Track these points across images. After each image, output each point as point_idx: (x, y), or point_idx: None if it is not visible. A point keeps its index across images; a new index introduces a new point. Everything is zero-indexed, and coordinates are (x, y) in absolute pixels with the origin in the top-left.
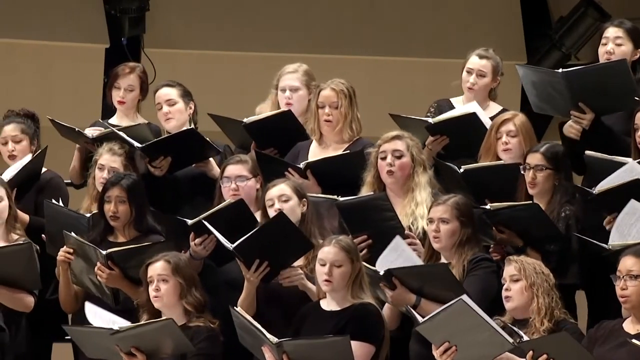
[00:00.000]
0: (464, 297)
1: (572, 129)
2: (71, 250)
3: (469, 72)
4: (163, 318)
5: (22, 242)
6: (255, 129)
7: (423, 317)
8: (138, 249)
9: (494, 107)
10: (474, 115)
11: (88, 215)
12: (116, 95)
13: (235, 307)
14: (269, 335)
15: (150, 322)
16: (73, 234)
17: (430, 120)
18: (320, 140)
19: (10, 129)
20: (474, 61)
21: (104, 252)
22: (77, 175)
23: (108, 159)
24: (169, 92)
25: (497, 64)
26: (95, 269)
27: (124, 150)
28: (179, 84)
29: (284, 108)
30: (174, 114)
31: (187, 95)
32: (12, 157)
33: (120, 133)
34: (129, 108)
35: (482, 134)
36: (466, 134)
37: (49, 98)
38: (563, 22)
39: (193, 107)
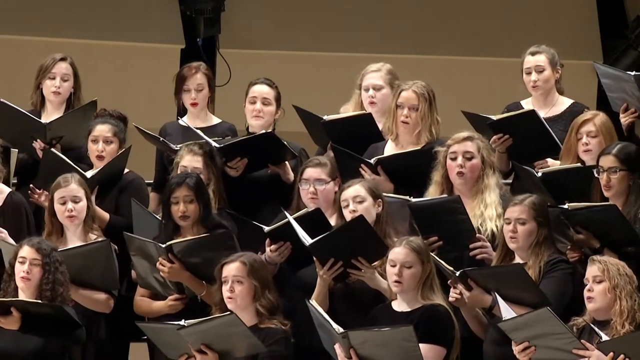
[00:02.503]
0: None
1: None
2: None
3: (528, 72)
4: (226, 313)
5: (99, 239)
6: (333, 128)
7: (502, 317)
8: (197, 240)
9: (565, 101)
10: (533, 113)
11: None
12: (188, 98)
13: (309, 301)
14: (335, 326)
15: (214, 317)
16: (132, 235)
17: (493, 117)
18: (397, 141)
19: (105, 130)
20: (529, 59)
21: (163, 246)
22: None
23: (190, 160)
24: (267, 92)
25: (552, 55)
26: (157, 264)
27: (203, 150)
28: (276, 86)
29: (367, 107)
30: (265, 114)
31: (279, 100)
32: (100, 158)
33: (198, 131)
34: (201, 108)
35: (544, 134)
36: (528, 134)
37: (125, 98)
38: (639, 22)
39: (279, 114)
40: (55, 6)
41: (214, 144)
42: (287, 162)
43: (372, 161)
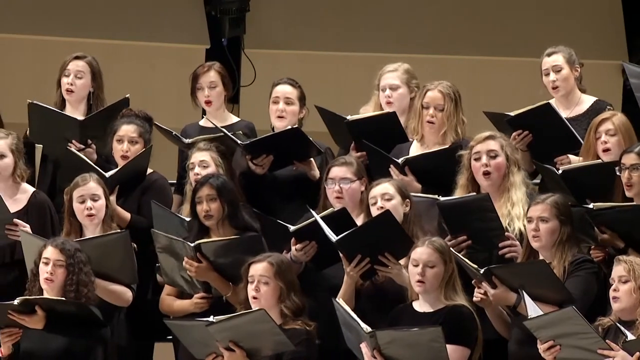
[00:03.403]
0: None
1: None
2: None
3: (547, 74)
4: (255, 309)
5: (118, 231)
6: (357, 128)
7: (527, 315)
8: (227, 241)
9: (587, 99)
10: (548, 106)
11: (188, 219)
12: (202, 96)
13: (336, 299)
14: (363, 325)
15: (243, 313)
16: (159, 232)
17: (511, 114)
18: (422, 141)
19: (130, 130)
20: (546, 61)
21: (192, 245)
22: None
23: (196, 156)
24: (290, 91)
25: (569, 54)
26: (184, 262)
27: (210, 144)
28: (299, 86)
29: (385, 107)
30: (288, 113)
31: (303, 99)
32: (125, 158)
33: (223, 130)
34: (217, 107)
35: (563, 128)
36: (547, 129)
37: (151, 98)
38: None
39: (304, 113)
40: (80, 7)
41: (239, 141)
42: (312, 159)
43: (399, 161)
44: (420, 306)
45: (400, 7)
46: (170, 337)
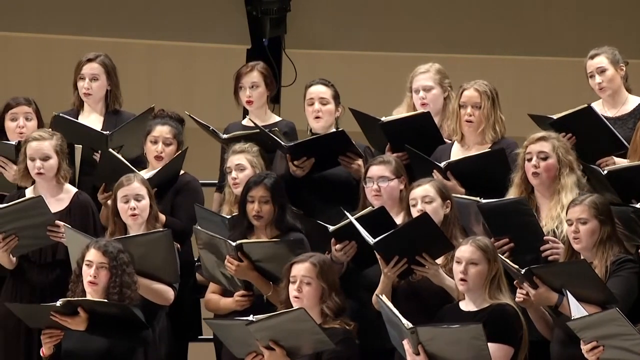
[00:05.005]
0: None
1: None
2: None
3: (592, 76)
4: (295, 308)
5: (160, 229)
6: (392, 129)
7: (569, 315)
8: (269, 242)
9: (634, 99)
10: (589, 109)
11: (229, 217)
12: (243, 96)
13: (379, 295)
14: (404, 321)
15: (283, 312)
16: (201, 228)
17: (554, 117)
18: (462, 142)
19: (166, 131)
20: (590, 63)
21: (233, 244)
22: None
23: (232, 160)
24: (324, 91)
25: (613, 54)
26: (225, 261)
27: (245, 146)
28: (332, 85)
29: (419, 109)
30: (324, 113)
31: (337, 98)
32: (159, 159)
33: (265, 131)
34: (258, 107)
35: (605, 130)
36: (591, 131)
37: (192, 98)
38: None
39: (340, 111)
40: (122, 8)
41: (283, 142)
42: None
43: (442, 165)
44: (466, 305)
45: (442, 7)
46: (202, 337)
